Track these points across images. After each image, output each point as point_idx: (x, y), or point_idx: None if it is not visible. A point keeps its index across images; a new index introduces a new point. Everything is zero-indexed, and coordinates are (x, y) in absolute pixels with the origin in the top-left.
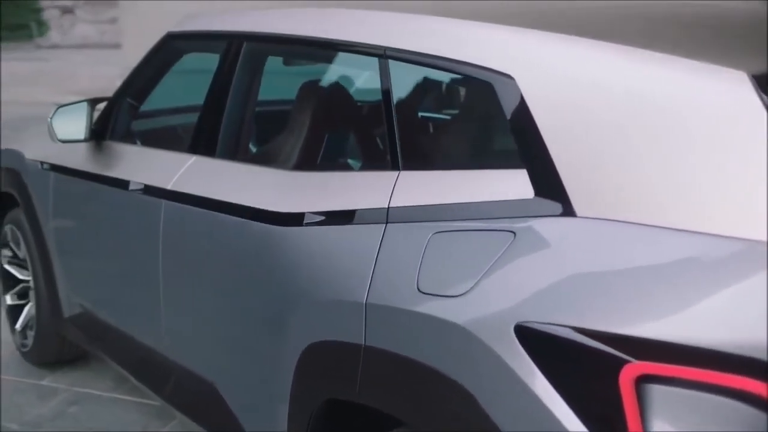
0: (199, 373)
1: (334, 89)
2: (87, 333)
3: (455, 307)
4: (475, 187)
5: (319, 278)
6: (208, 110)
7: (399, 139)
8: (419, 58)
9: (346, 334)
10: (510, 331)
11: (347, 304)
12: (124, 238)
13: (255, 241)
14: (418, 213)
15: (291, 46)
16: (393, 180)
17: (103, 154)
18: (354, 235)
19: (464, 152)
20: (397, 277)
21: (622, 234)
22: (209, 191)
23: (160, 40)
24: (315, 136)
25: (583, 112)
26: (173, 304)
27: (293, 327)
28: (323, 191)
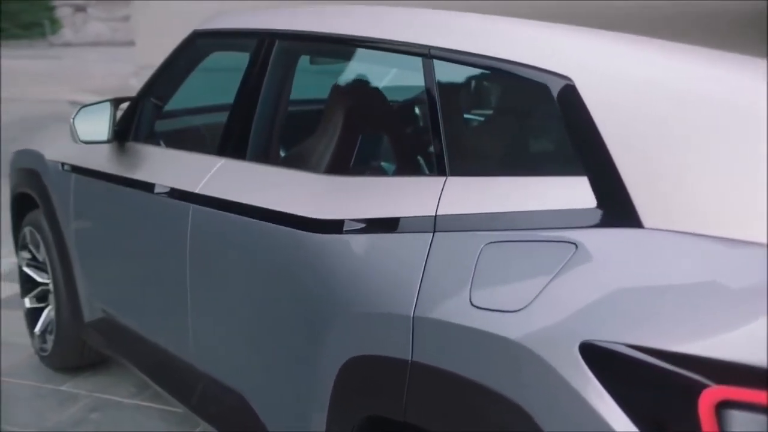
0: (228, 383)
1: (373, 90)
2: (108, 338)
3: (513, 323)
4: (530, 195)
5: (360, 289)
6: (237, 111)
7: (445, 143)
8: (467, 58)
9: (390, 348)
10: (574, 349)
11: (392, 317)
12: (149, 242)
13: (290, 248)
14: (469, 222)
15: (326, 44)
16: (440, 186)
17: (126, 155)
18: (398, 244)
19: (517, 158)
20: (448, 289)
21: (696, 247)
22: (240, 195)
23: (186, 38)
24: (352, 138)
25: (649, 115)
26: (201, 312)
27: (332, 339)
28: (363, 197)
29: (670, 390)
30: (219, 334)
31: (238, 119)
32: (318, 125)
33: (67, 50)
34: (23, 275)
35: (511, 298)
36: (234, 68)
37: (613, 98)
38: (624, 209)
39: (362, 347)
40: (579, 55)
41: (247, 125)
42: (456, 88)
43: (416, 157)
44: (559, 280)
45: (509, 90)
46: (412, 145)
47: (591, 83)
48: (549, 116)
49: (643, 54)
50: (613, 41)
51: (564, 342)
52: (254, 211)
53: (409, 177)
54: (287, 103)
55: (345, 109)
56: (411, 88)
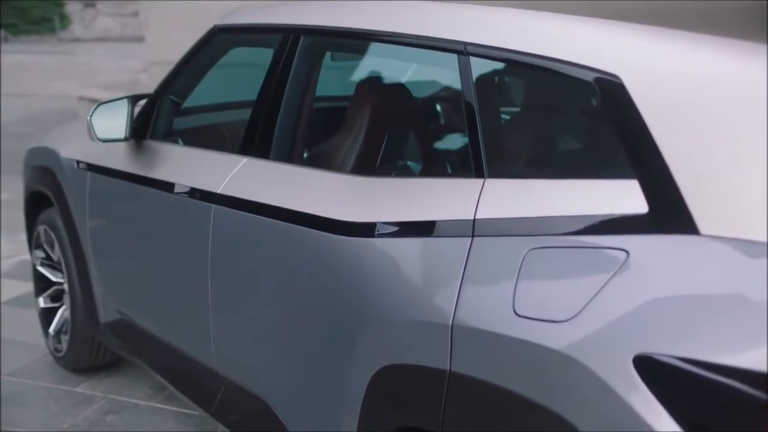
0: (252, 389)
1: (404, 88)
2: (125, 340)
3: (560, 334)
4: (575, 199)
5: (394, 295)
6: (261, 109)
7: (483, 144)
8: (506, 55)
9: (427, 357)
10: (628, 363)
11: (429, 325)
12: (169, 243)
13: (318, 251)
14: (510, 226)
15: (355, 40)
16: (478, 188)
17: (144, 153)
18: (435, 248)
19: (561, 160)
20: (489, 297)
21: (756, 256)
22: (264, 196)
23: (206, 33)
24: (382, 138)
25: (704, 115)
26: (223, 315)
27: (363, 347)
28: (394, 199)
29: (737, 410)
30: (242, 339)
31: (262, 117)
32: (345, 124)
33: (76, 46)
34: (37, 274)
35: (557, 308)
36: (256, 65)
37: (664, 97)
38: (678, 215)
39: (396, 356)
40: (627, 52)
41: (271, 123)
42: (494, 86)
43: (451, 158)
44: (610, 290)
45: (551, 88)
46: (446, 145)
47: (640, 81)
48: (595, 116)
49: (694, 50)
50: (662, 37)
51: (616, 354)
52: (279, 213)
53: (443, 178)
54: (313, 101)
55: (374, 108)
56: (445, 86)
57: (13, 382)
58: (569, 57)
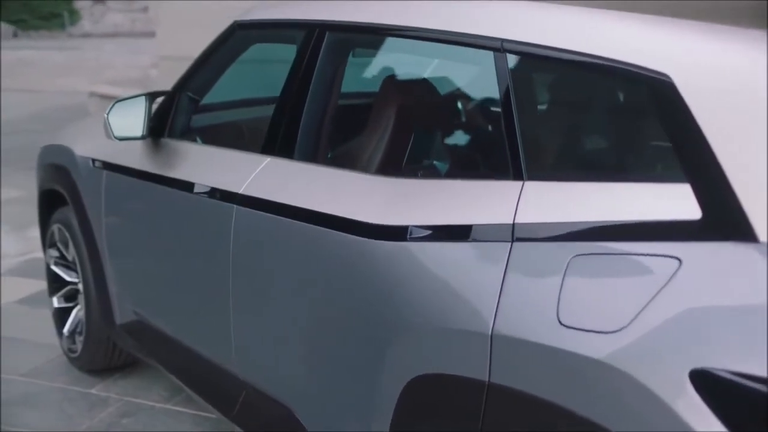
0: (275, 395)
1: (436, 86)
2: (141, 342)
3: (609, 345)
4: (622, 204)
5: (427, 301)
6: (284, 107)
7: (522, 144)
8: (545, 52)
9: (464, 367)
10: (684, 377)
11: (467, 333)
12: (188, 243)
13: (347, 255)
14: (553, 231)
15: (383, 37)
16: (517, 191)
17: (161, 152)
18: (472, 254)
19: (606, 162)
20: (532, 305)
21: None
22: (288, 197)
23: (226, 29)
24: (412, 138)
25: (762, 115)
26: (245, 319)
27: (395, 355)
28: (427, 201)
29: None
30: (265, 343)
31: (285, 115)
32: (373, 123)
33: (86, 41)
34: (51, 274)
35: (605, 318)
36: (278, 61)
37: (717, 96)
38: (734, 221)
39: (430, 365)
40: (676, 50)
41: (295, 122)
42: (533, 84)
43: (486, 160)
44: (662, 300)
45: (595, 87)
46: (481, 146)
47: (692, 80)
48: (643, 116)
49: (745, 46)
50: (713, 33)
51: (671, 368)
52: (305, 214)
53: (478, 180)
54: (338, 99)
55: (403, 107)
56: (479, 85)
57: (28, 383)
58: (614, 55)
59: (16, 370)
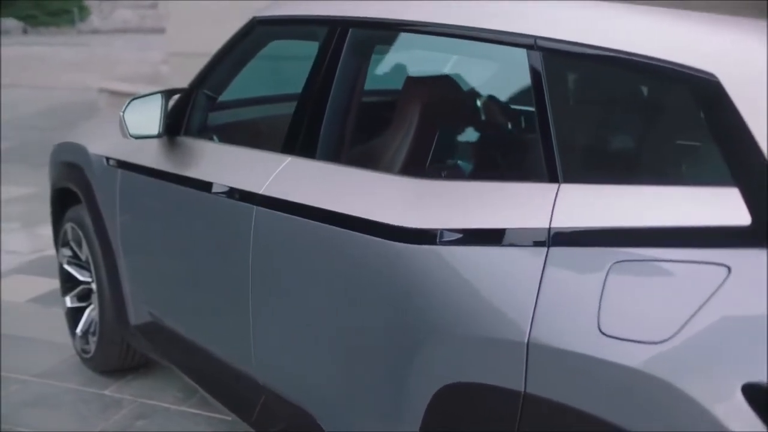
0: (295, 401)
1: (466, 85)
2: (157, 343)
3: (654, 356)
4: (665, 208)
5: (459, 308)
6: (305, 105)
7: (557, 145)
8: (582, 50)
9: (498, 376)
10: (736, 391)
11: (501, 341)
12: (205, 244)
13: (373, 258)
14: (592, 236)
15: (410, 34)
16: (552, 194)
17: (178, 150)
18: (505, 259)
19: (647, 165)
20: (571, 313)
21: None
22: (311, 198)
23: (245, 25)
24: (441, 138)
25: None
26: (265, 322)
27: (424, 363)
28: (458, 204)
29: None
30: (286, 347)
31: (307, 114)
32: (399, 122)
33: (95, 37)
34: (64, 273)
35: (650, 327)
36: (297, 58)
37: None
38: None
39: (462, 373)
40: (723, 48)
41: (317, 121)
42: (569, 84)
43: (518, 161)
44: (711, 309)
45: (635, 87)
46: (513, 147)
47: (740, 80)
48: (688, 118)
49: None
50: (757, 29)
51: (722, 382)
52: (328, 216)
53: (510, 182)
54: (362, 97)
55: (431, 106)
56: (512, 83)
57: (41, 384)
58: (656, 53)
59: (29, 371)
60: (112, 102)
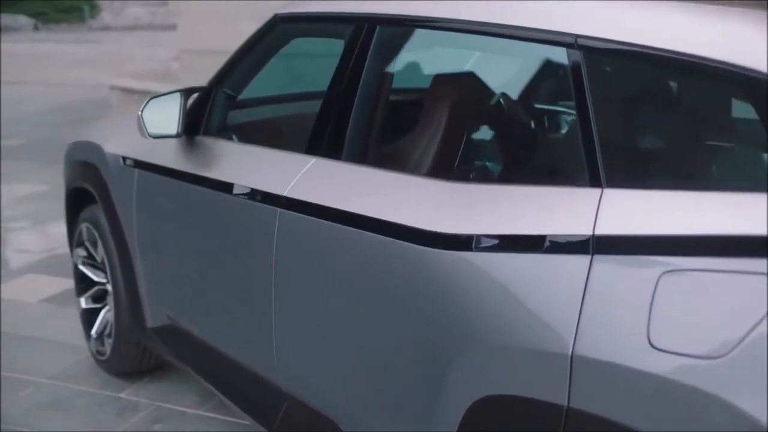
0: (320, 409)
1: (501, 85)
2: (175, 347)
3: (710, 372)
4: (719, 215)
5: (496, 317)
6: (331, 105)
7: (600, 148)
8: (624, 48)
9: (539, 389)
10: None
11: (543, 353)
12: (226, 247)
13: (403, 264)
14: (639, 244)
15: (442, 32)
16: (595, 199)
17: (197, 150)
18: (546, 267)
19: (698, 169)
20: (619, 325)
21: None
22: (338, 201)
23: (266, 23)
24: (475, 140)
25: None
26: (289, 328)
27: (458, 374)
28: (493, 208)
29: None
30: (311, 355)
31: (332, 114)
32: (430, 124)
33: (106, 34)
34: (78, 273)
35: (706, 341)
36: (318, 55)
37: None
38: None
39: (499, 385)
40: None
41: (343, 121)
42: (612, 83)
43: (558, 164)
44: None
45: (683, 88)
46: (552, 149)
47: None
48: (741, 120)
49: None
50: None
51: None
52: (356, 219)
53: (549, 187)
54: (390, 97)
55: (465, 107)
56: (551, 83)
57: (56, 386)
58: (703, 52)
59: (43, 373)
60: (124, 99)
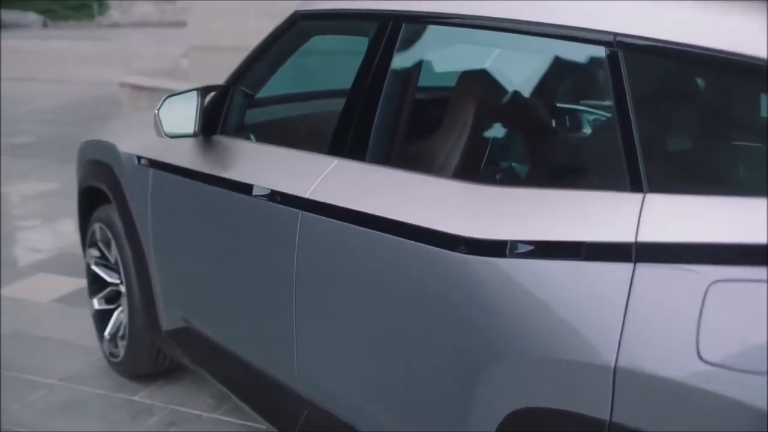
0: (342, 417)
1: (536, 85)
2: (190, 351)
3: (764, 388)
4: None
5: (532, 327)
6: (354, 104)
7: (641, 151)
8: (667, 47)
9: (580, 403)
10: None
11: (583, 365)
12: (245, 249)
13: (433, 270)
14: (685, 253)
15: (472, 29)
16: (636, 205)
17: (214, 150)
18: (585, 275)
19: (750, 173)
20: (665, 337)
21: None
22: (363, 203)
23: (286, 20)
24: (507, 142)
25: None
26: (311, 335)
27: (490, 385)
28: (527, 213)
29: None
30: (334, 361)
31: (356, 114)
32: (459, 124)
33: (114, 31)
34: (91, 274)
35: (760, 355)
36: (340, 53)
37: None
38: None
39: (536, 398)
40: None
41: (368, 120)
42: (655, 83)
43: (596, 167)
44: None
45: (732, 89)
46: (589, 151)
47: None
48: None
49: None
50: None
51: None
52: (382, 223)
53: (586, 191)
54: (417, 97)
55: (497, 107)
56: (588, 83)
57: (69, 389)
58: (755, 52)
59: (56, 374)
60: (134, 96)
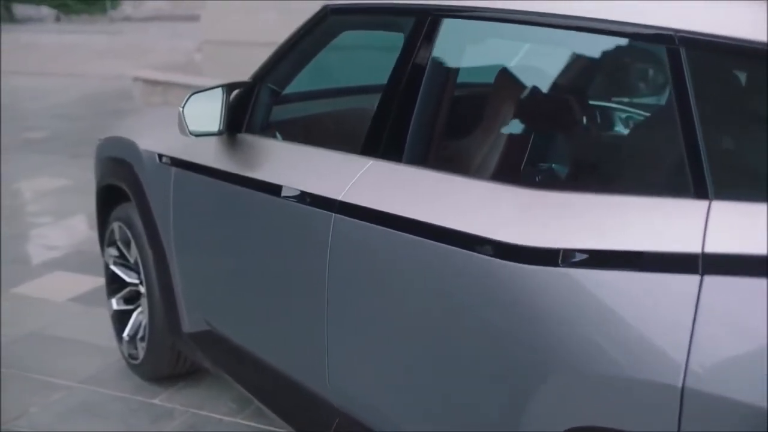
0: (376, 428)
1: (589, 85)
2: (212, 354)
3: None
4: None
5: (588, 341)
6: (390, 102)
7: (706, 155)
8: (733, 44)
9: (643, 424)
10: None
11: (647, 383)
12: (274, 252)
13: (479, 279)
14: (758, 265)
15: (515, 25)
16: (702, 212)
17: (240, 149)
18: (647, 287)
19: None
20: (737, 355)
21: None
22: (401, 207)
23: (315, 15)
24: (556, 144)
25: None
26: (344, 343)
27: (543, 402)
28: (581, 220)
29: None
30: (369, 371)
31: (392, 112)
32: (502, 124)
33: (127, 25)
34: (110, 274)
35: None
36: (372, 49)
37: None
38: None
39: (595, 417)
40: None
41: (404, 120)
42: (720, 84)
43: (655, 172)
44: None
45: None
46: (648, 155)
47: None
48: None
49: None
50: None
51: None
52: (422, 228)
53: (646, 197)
54: (458, 94)
55: (544, 107)
56: (647, 83)
57: (88, 391)
58: None
59: (73, 377)
60: (147, 90)
